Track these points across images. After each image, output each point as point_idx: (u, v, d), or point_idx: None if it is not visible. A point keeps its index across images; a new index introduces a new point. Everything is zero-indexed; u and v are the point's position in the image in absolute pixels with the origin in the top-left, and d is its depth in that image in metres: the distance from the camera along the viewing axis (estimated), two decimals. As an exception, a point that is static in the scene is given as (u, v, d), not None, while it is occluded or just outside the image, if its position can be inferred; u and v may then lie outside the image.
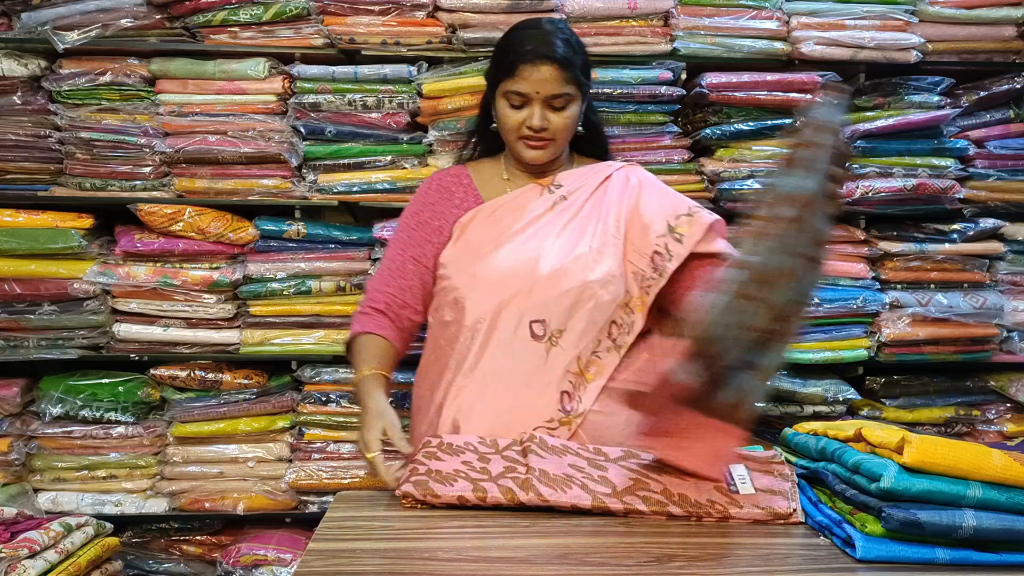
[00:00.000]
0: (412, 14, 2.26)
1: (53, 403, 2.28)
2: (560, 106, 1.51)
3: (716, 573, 0.93)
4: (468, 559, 0.95)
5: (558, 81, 1.48)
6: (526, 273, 1.48)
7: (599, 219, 1.53)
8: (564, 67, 1.48)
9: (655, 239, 1.49)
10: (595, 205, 1.55)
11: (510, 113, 1.53)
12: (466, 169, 1.68)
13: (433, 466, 1.20)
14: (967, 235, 2.37)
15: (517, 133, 1.54)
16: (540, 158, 1.56)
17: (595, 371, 1.47)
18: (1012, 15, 2.38)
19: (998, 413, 2.47)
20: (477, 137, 1.73)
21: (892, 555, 0.94)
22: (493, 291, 1.47)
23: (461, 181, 1.65)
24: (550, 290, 1.47)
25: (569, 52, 1.49)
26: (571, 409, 1.44)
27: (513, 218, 1.55)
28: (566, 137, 1.57)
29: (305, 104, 2.28)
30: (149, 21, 2.24)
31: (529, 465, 1.19)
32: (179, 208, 2.25)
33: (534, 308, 1.47)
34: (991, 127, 2.43)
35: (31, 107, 2.27)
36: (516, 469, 1.19)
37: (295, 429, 2.38)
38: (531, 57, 1.47)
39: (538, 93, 1.49)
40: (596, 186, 1.58)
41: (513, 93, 1.50)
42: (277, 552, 2.27)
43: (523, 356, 1.46)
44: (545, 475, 1.15)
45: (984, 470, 0.93)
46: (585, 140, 1.67)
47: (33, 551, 1.66)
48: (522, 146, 1.55)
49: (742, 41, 2.32)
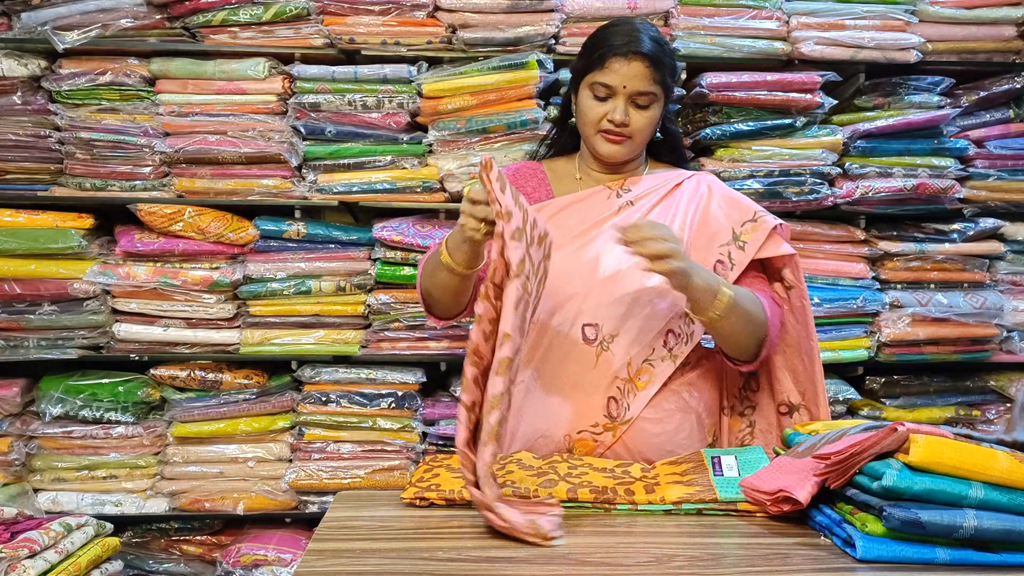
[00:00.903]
0: (412, 14, 2.26)
1: (53, 403, 2.28)
2: (644, 104, 1.48)
3: (716, 573, 0.93)
4: (468, 559, 0.95)
5: (646, 79, 1.46)
6: (584, 276, 1.47)
7: None
8: (654, 65, 1.46)
9: (719, 248, 1.49)
10: (662, 212, 1.53)
11: (593, 105, 1.50)
12: (541, 164, 1.67)
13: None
14: (967, 235, 2.38)
15: (597, 126, 1.51)
16: (617, 154, 1.53)
17: (647, 379, 1.45)
18: (1012, 15, 2.38)
19: (998, 413, 2.47)
20: (556, 132, 1.70)
21: (893, 555, 0.94)
22: (550, 291, 1.43)
23: (536, 174, 1.63)
24: (605, 295, 1.46)
25: (659, 52, 1.47)
26: (618, 415, 1.44)
27: (578, 219, 1.53)
28: (644, 137, 1.54)
29: (305, 104, 2.28)
30: (149, 21, 2.24)
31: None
32: (179, 208, 2.26)
33: (588, 311, 1.46)
34: (991, 127, 2.43)
35: (31, 107, 2.27)
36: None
37: (295, 429, 2.38)
38: (623, 51, 1.45)
39: (625, 88, 1.46)
40: (665, 193, 1.56)
41: (600, 85, 1.47)
42: (277, 552, 2.27)
43: (573, 358, 1.45)
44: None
45: (989, 471, 0.93)
46: (662, 148, 1.65)
47: (33, 551, 1.66)
48: (600, 140, 1.52)
49: (742, 41, 2.32)
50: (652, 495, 1.13)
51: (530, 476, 1.20)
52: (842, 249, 2.39)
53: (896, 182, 2.33)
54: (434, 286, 1.46)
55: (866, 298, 2.36)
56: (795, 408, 1.55)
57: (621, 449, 1.43)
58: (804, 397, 1.55)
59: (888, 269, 2.40)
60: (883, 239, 2.40)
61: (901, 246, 2.38)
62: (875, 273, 2.40)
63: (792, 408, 1.55)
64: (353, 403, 2.33)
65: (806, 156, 2.31)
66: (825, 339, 2.37)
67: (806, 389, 1.55)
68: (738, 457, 1.23)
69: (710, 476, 1.18)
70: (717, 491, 1.12)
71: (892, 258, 2.40)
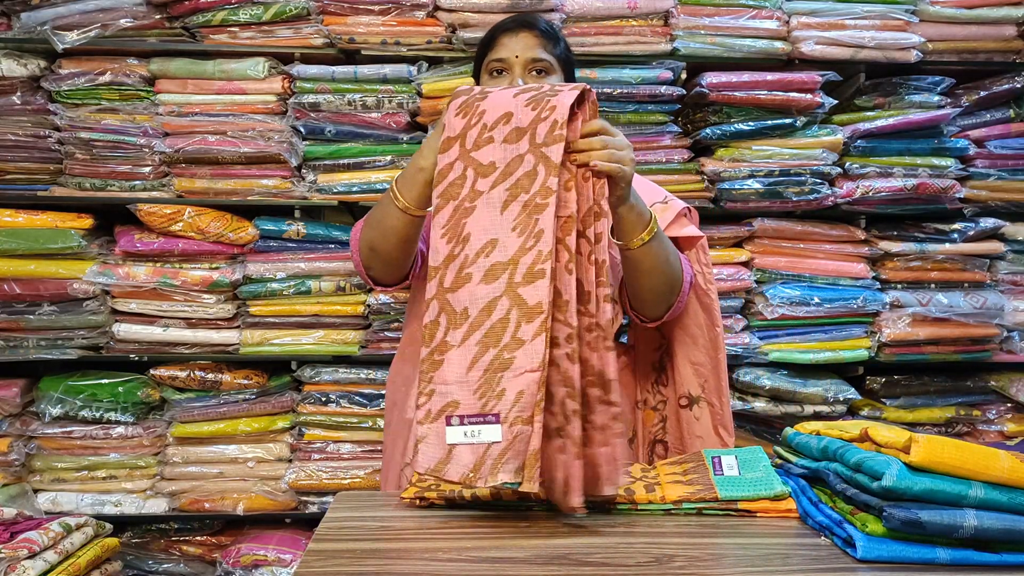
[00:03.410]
0: (412, 14, 2.26)
1: (53, 403, 2.28)
2: (540, 70, 1.46)
3: (716, 573, 0.93)
4: (468, 559, 0.95)
5: (537, 47, 1.45)
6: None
7: None
8: (543, 36, 1.46)
9: None
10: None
11: (491, 83, 1.48)
12: None
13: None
14: (967, 235, 2.38)
15: None
16: None
17: None
18: (1012, 15, 2.38)
19: (998, 413, 2.47)
20: None
21: (893, 555, 0.93)
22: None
23: None
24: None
25: (549, 29, 1.48)
26: None
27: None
28: None
29: (305, 104, 2.28)
30: (149, 21, 2.24)
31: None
32: (179, 208, 2.25)
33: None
34: (991, 127, 2.43)
35: (31, 107, 2.27)
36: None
37: (295, 429, 2.38)
38: (511, 25, 1.47)
39: (517, 57, 1.45)
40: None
41: (494, 61, 1.47)
42: (277, 552, 2.27)
43: None
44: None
45: (991, 471, 0.92)
46: None
47: (33, 551, 1.66)
48: None
49: (742, 41, 2.32)
50: (652, 494, 1.13)
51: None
52: (842, 249, 2.39)
53: (896, 182, 2.33)
54: (381, 236, 1.38)
55: (866, 298, 2.35)
56: (695, 400, 1.52)
57: None
58: (705, 389, 1.51)
59: (888, 269, 2.40)
60: (883, 239, 2.40)
61: (901, 246, 2.38)
62: (875, 273, 2.40)
63: (692, 400, 1.52)
64: (353, 403, 2.33)
65: (806, 156, 2.31)
66: (825, 339, 2.38)
67: (708, 379, 1.51)
68: (738, 457, 1.23)
69: (710, 475, 1.17)
70: (717, 490, 1.12)
71: (892, 258, 2.40)
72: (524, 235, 1.05)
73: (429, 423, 1.03)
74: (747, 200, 2.32)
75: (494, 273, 1.05)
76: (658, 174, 2.31)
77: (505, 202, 1.07)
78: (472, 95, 1.17)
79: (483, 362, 1.02)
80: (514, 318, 1.02)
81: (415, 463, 1.04)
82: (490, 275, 1.05)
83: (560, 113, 1.08)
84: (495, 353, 1.02)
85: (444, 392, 1.04)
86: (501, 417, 1.00)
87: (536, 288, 1.02)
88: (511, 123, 1.10)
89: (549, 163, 1.06)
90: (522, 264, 1.04)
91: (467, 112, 1.14)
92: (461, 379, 1.03)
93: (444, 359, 1.04)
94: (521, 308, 1.02)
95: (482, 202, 1.08)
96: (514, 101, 1.12)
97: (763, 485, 1.13)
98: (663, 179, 2.28)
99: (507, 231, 1.06)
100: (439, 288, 1.07)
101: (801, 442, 1.19)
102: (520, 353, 1.01)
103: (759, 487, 1.12)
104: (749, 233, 2.38)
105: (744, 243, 2.41)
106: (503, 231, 1.06)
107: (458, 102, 1.16)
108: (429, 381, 1.05)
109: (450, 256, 1.08)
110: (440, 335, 1.06)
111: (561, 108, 1.09)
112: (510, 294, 1.04)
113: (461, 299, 1.05)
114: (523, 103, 1.12)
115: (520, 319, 1.02)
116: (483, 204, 1.08)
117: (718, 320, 1.50)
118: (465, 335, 1.04)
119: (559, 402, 1.03)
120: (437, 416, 1.03)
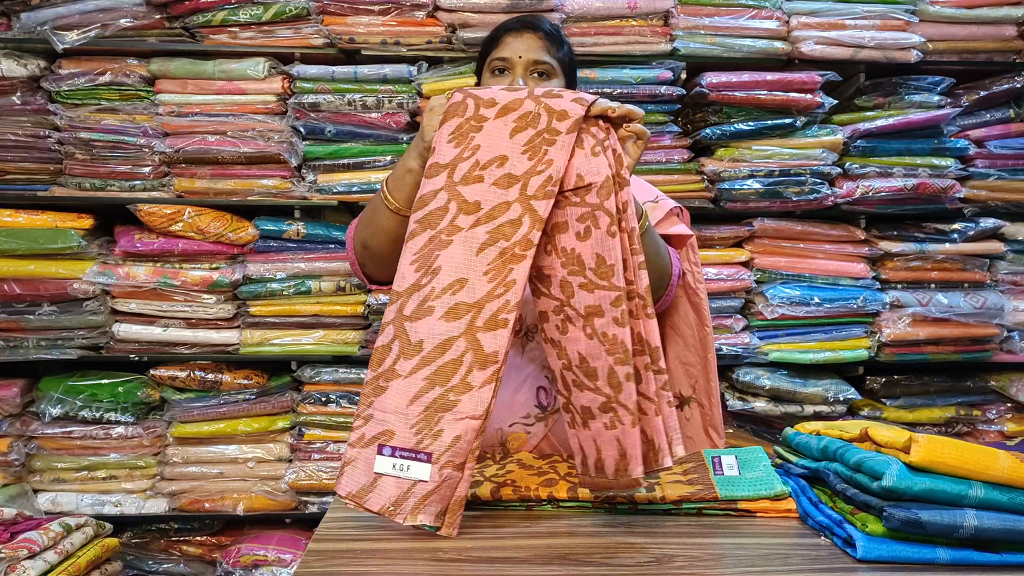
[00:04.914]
0: (412, 14, 2.26)
1: (53, 403, 2.28)
2: (542, 72, 1.47)
3: (716, 573, 0.93)
4: (468, 559, 0.95)
5: (540, 49, 1.47)
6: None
7: None
8: (548, 38, 1.48)
9: None
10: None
11: (492, 81, 1.49)
12: None
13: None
14: (967, 235, 2.38)
15: None
16: None
17: None
18: (1012, 15, 2.38)
19: (998, 413, 2.47)
20: None
21: (893, 555, 0.93)
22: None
23: None
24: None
25: (554, 31, 1.50)
26: (548, 405, 1.43)
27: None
28: None
29: (305, 104, 2.28)
30: (148, 21, 2.24)
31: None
32: (179, 208, 2.25)
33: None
34: (991, 127, 2.43)
35: (31, 107, 2.27)
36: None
37: (295, 429, 2.38)
38: (516, 26, 1.49)
39: (520, 58, 1.46)
40: None
41: (497, 59, 1.48)
42: (277, 552, 2.27)
43: None
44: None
45: (991, 471, 0.92)
46: None
47: (33, 552, 1.66)
48: None
49: (742, 41, 2.32)
50: (652, 494, 1.13)
51: (530, 476, 1.20)
52: (842, 249, 2.39)
53: (896, 182, 2.33)
54: (372, 235, 1.40)
55: (866, 298, 2.35)
56: (686, 401, 1.52)
57: (546, 446, 1.42)
58: (696, 389, 1.52)
59: (888, 269, 2.40)
60: (883, 239, 2.40)
61: (901, 246, 2.38)
62: (875, 273, 2.40)
63: (683, 401, 1.52)
64: (353, 403, 2.33)
65: (806, 156, 2.31)
66: (826, 339, 2.37)
67: (698, 380, 1.51)
68: (738, 457, 1.23)
69: (711, 475, 1.17)
70: (717, 490, 1.12)
71: (892, 258, 2.40)
72: (495, 281, 1.03)
73: (360, 447, 1.01)
74: (747, 200, 2.32)
75: (456, 312, 1.03)
76: (658, 174, 2.31)
77: (483, 244, 1.05)
78: (467, 117, 1.13)
79: (426, 399, 1.00)
80: (467, 361, 1.01)
81: (338, 485, 1.02)
82: (452, 313, 1.03)
83: (555, 169, 1.05)
84: (440, 392, 1.00)
85: (382, 420, 1.02)
86: (433, 458, 0.98)
87: (496, 336, 1.01)
88: (504, 167, 1.08)
89: (535, 216, 1.04)
90: (487, 310, 1.02)
91: (460, 141, 1.11)
92: (401, 410, 1.01)
93: (388, 387, 1.02)
94: (477, 353, 1.01)
95: (460, 238, 1.06)
96: (510, 144, 1.09)
97: (763, 485, 1.13)
98: (663, 179, 2.29)
99: (479, 274, 1.04)
100: (398, 314, 1.06)
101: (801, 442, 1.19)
102: (466, 398, 0.99)
103: (759, 487, 1.12)
104: (749, 233, 2.38)
105: (744, 243, 2.41)
106: (475, 273, 1.04)
107: (451, 126, 1.13)
108: (369, 405, 1.02)
109: (416, 285, 1.06)
110: (389, 362, 1.04)
111: (557, 164, 1.06)
112: (468, 337, 1.02)
113: (419, 330, 1.03)
114: (520, 148, 1.09)
115: (473, 364, 1.00)
116: (460, 241, 1.06)
117: (707, 320, 1.51)
118: (415, 368, 1.02)
119: (604, 374, 1.02)
120: (370, 442, 1.01)
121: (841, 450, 1.05)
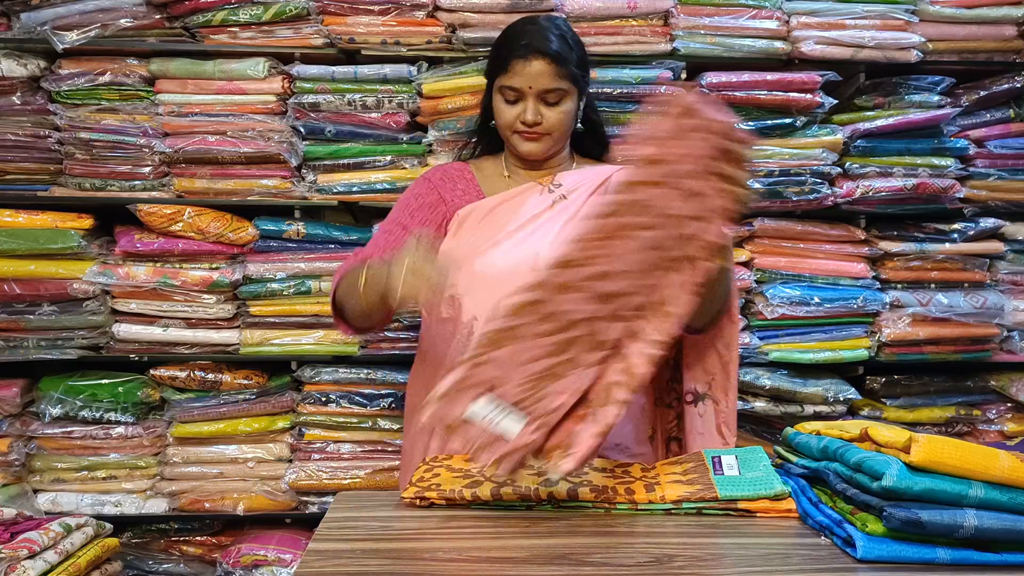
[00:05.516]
0: (412, 14, 2.26)
1: (53, 403, 2.28)
2: (554, 101, 1.51)
3: (716, 573, 0.93)
4: (468, 559, 0.95)
5: (550, 76, 1.48)
6: (524, 272, 1.47)
7: None
8: (557, 62, 1.48)
9: None
10: (594, 205, 1.54)
11: (505, 108, 1.54)
12: (468, 165, 1.69)
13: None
14: (967, 235, 2.37)
15: (512, 128, 1.56)
16: (535, 151, 1.57)
17: None
18: (1012, 14, 2.38)
19: (999, 413, 2.46)
20: (479, 134, 1.73)
21: (893, 555, 0.93)
22: (490, 289, 1.44)
23: (464, 175, 1.66)
24: None
25: (563, 47, 1.49)
26: None
27: (512, 216, 1.55)
28: (562, 132, 1.58)
29: (305, 104, 2.28)
30: (148, 21, 2.24)
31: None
32: (179, 208, 2.25)
33: None
34: (991, 126, 2.43)
35: (31, 107, 2.27)
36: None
37: (295, 429, 2.38)
38: (523, 52, 1.48)
39: (531, 88, 1.49)
40: (596, 186, 1.57)
41: (507, 88, 1.51)
42: (277, 552, 2.27)
43: None
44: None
45: (991, 471, 0.92)
46: (586, 139, 1.67)
47: (33, 552, 1.66)
48: (518, 139, 1.57)
49: (742, 41, 2.32)
50: (652, 494, 1.13)
51: (530, 475, 1.20)
52: (842, 249, 2.39)
53: (896, 182, 2.33)
54: (347, 302, 1.48)
55: (866, 298, 2.35)
56: (700, 397, 1.51)
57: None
58: (712, 386, 1.51)
59: (888, 269, 2.40)
60: (883, 239, 2.39)
61: (901, 246, 2.38)
62: (875, 273, 2.40)
63: (697, 397, 1.52)
64: (353, 403, 2.33)
65: (806, 156, 2.31)
66: (825, 339, 2.37)
67: (715, 376, 1.51)
68: (738, 456, 1.23)
69: (710, 475, 1.18)
70: (717, 490, 1.12)
71: (892, 258, 2.40)
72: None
73: (466, 389, 1.02)
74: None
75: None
76: (658, 174, 2.31)
77: None
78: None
79: (544, 364, 1.01)
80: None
81: (433, 413, 1.03)
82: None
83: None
84: (559, 361, 1.00)
85: (498, 366, 1.02)
86: (530, 419, 0.99)
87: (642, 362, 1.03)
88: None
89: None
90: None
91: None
92: (519, 363, 1.01)
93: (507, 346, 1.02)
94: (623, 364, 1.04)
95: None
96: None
97: (763, 485, 1.13)
98: (663, 179, 2.28)
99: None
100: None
101: (801, 442, 1.19)
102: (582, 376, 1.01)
103: (759, 487, 1.12)
104: (749, 233, 2.38)
105: (744, 243, 2.40)
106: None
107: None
108: (484, 352, 1.01)
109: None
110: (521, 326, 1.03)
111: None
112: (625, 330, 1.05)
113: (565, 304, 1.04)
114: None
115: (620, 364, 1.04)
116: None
117: (736, 316, 1.50)
118: (547, 332, 1.02)
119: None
120: (478, 384, 1.01)
121: (841, 450, 1.06)
